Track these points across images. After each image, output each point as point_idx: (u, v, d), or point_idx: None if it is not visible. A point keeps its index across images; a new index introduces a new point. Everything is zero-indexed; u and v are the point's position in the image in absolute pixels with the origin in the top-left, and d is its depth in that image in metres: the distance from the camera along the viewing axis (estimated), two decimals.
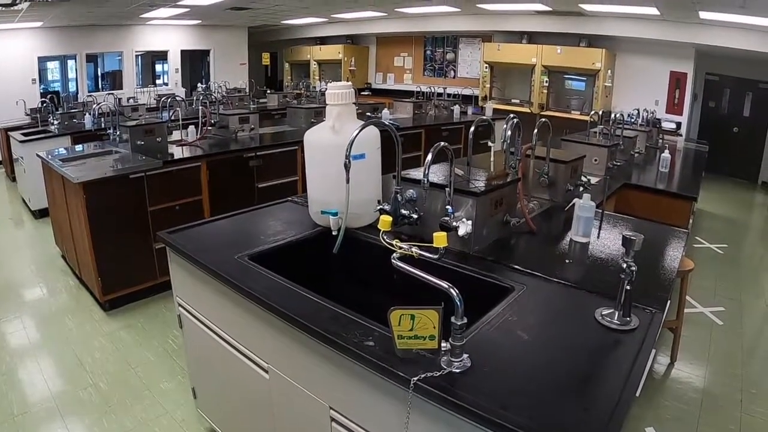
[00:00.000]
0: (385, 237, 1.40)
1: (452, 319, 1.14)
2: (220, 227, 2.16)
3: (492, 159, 2.38)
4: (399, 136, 2.04)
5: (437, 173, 2.07)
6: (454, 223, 1.77)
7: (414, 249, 1.31)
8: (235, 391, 1.95)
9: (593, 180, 3.02)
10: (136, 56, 10.97)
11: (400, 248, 1.34)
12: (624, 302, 1.45)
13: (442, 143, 1.67)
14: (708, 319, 3.84)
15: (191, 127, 4.56)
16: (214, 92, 7.86)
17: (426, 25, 10.27)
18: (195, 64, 12.34)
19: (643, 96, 8.13)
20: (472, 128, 2.21)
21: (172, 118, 5.05)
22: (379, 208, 1.97)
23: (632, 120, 5.57)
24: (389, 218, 1.41)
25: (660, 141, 5.64)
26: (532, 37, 9.17)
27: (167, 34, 11.18)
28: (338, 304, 2.07)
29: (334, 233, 2.00)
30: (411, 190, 1.97)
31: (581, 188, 2.85)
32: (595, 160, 3.59)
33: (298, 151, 4.74)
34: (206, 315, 1.92)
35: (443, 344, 1.17)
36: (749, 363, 3.34)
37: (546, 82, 8.89)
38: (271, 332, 1.57)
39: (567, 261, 1.92)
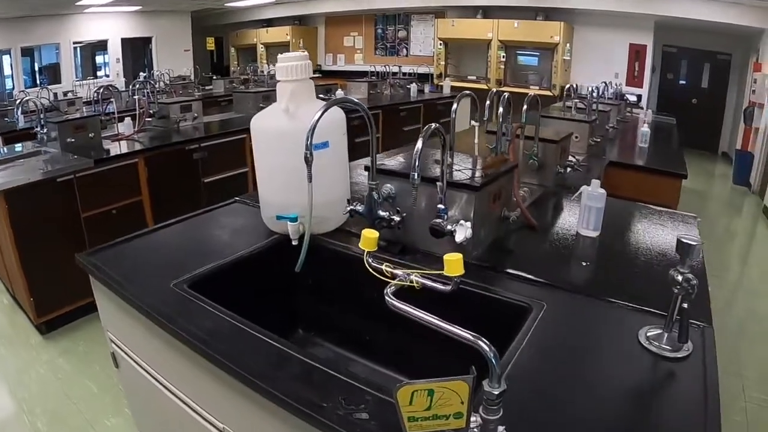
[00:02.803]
0: (370, 260, 1.02)
1: (485, 385, 0.78)
2: (155, 241, 1.72)
3: (476, 141, 2.02)
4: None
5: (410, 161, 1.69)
6: (449, 227, 1.40)
7: (414, 278, 0.94)
8: None
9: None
10: (75, 48, 10.19)
11: (391, 276, 0.96)
12: (681, 323, 1.12)
13: (434, 124, 1.29)
14: None
15: (127, 120, 4.07)
16: (158, 81, 7.29)
17: (376, 2, 9.84)
18: (137, 53, 11.62)
19: (603, 69, 7.92)
20: (455, 105, 1.84)
21: (107, 111, 4.53)
22: (349, 209, 1.60)
23: (594, 94, 5.31)
24: (374, 234, 1.02)
25: (629, 114, 5.42)
26: (488, 12, 8.84)
27: (106, 23, 10.41)
28: (308, 332, 1.68)
29: (294, 242, 1.61)
30: (388, 185, 1.60)
31: (569, 170, 2.54)
32: (576, 137, 3.26)
33: (246, 139, 4.32)
34: (144, 359, 1.50)
35: (472, 417, 0.80)
36: (742, 345, 3.13)
37: (503, 57, 8.60)
38: (221, 388, 1.17)
39: (583, 263, 1.58)
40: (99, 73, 10.83)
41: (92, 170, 3.24)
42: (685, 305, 1.11)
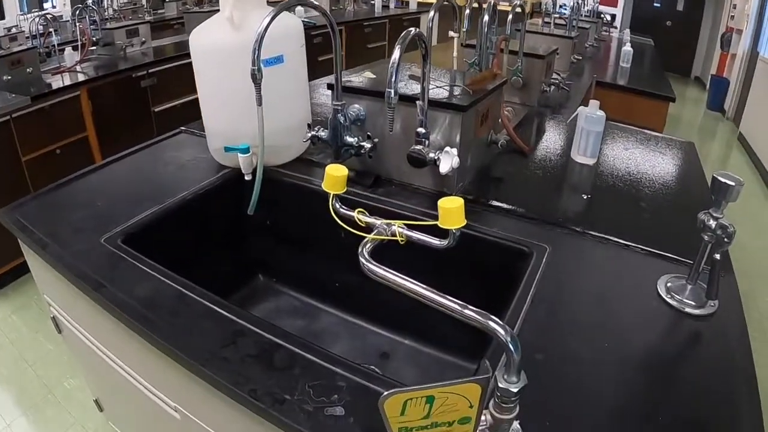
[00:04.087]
0: (337, 205, 0.78)
1: (500, 379, 0.57)
2: (86, 187, 1.42)
3: (455, 54, 1.76)
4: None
5: (381, 77, 1.43)
6: (431, 154, 1.17)
7: (398, 229, 0.71)
8: (145, 421, 1.36)
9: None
10: None
11: (366, 227, 0.73)
12: (711, 277, 0.93)
13: (413, 29, 1.03)
14: None
15: (68, 50, 3.64)
16: (107, 8, 6.66)
17: None
18: None
19: None
20: (432, 13, 1.58)
21: (45, 44, 4.08)
22: (310, 135, 1.36)
23: (564, 11, 5.01)
24: (342, 171, 0.77)
25: (605, 33, 5.17)
26: None
27: None
28: (270, 279, 1.47)
29: (247, 177, 1.37)
30: (356, 106, 1.35)
31: (553, 88, 2.32)
32: (558, 54, 3.02)
33: None
34: (85, 327, 1.27)
35: (482, 416, 0.60)
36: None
37: None
38: (168, 367, 0.94)
39: (584, 196, 1.38)
40: (46, 5, 9.94)
41: (30, 108, 2.88)
42: (717, 256, 0.91)
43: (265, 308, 1.48)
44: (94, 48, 3.86)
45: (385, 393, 0.50)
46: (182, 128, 1.80)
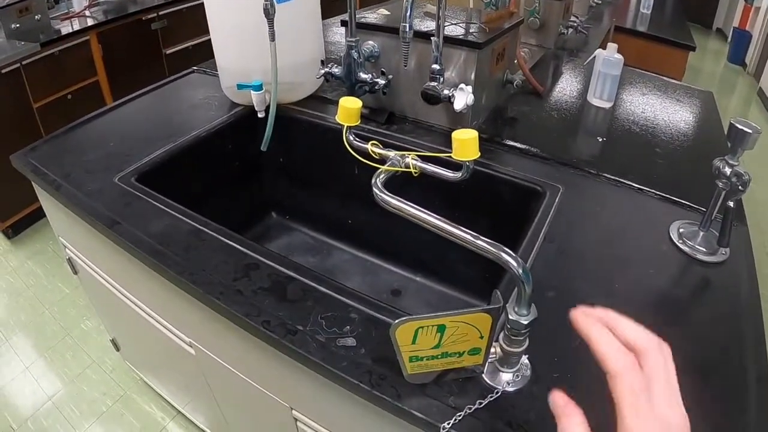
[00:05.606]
0: (351, 137, 0.77)
1: (510, 311, 0.57)
2: (100, 128, 1.41)
3: None
4: None
5: (396, 14, 1.40)
6: (446, 91, 1.15)
7: (411, 161, 0.70)
8: (161, 357, 1.41)
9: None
10: None
11: (380, 159, 0.72)
12: (723, 224, 0.91)
13: None
14: None
15: None
16: None
17: None
18: None
19: None
20: None
21: None
22: (323, 72, 1.34)
23: None
24: (356, 104, 0.76)
25: None
26: None
27: None
28: (282, 216, 1.48)
29: (260, 115, 1.36)
30: (371, 43, 1.33)
31: (571, 31, 2.25)
32: None
33: None
34: (101, 267, 1.28)
35: (492, 348, 0.61)
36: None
37: None
38: (182, 302, 0.96)
39: (599, 139, 1.36)
40: None
41: (40, 54, 2.83)
42: (731, 204, 0.90)
43: (278, 245, 1.50)
44: None
45: (397, 321, 0.51)
46: (194, 68, 1.78)
